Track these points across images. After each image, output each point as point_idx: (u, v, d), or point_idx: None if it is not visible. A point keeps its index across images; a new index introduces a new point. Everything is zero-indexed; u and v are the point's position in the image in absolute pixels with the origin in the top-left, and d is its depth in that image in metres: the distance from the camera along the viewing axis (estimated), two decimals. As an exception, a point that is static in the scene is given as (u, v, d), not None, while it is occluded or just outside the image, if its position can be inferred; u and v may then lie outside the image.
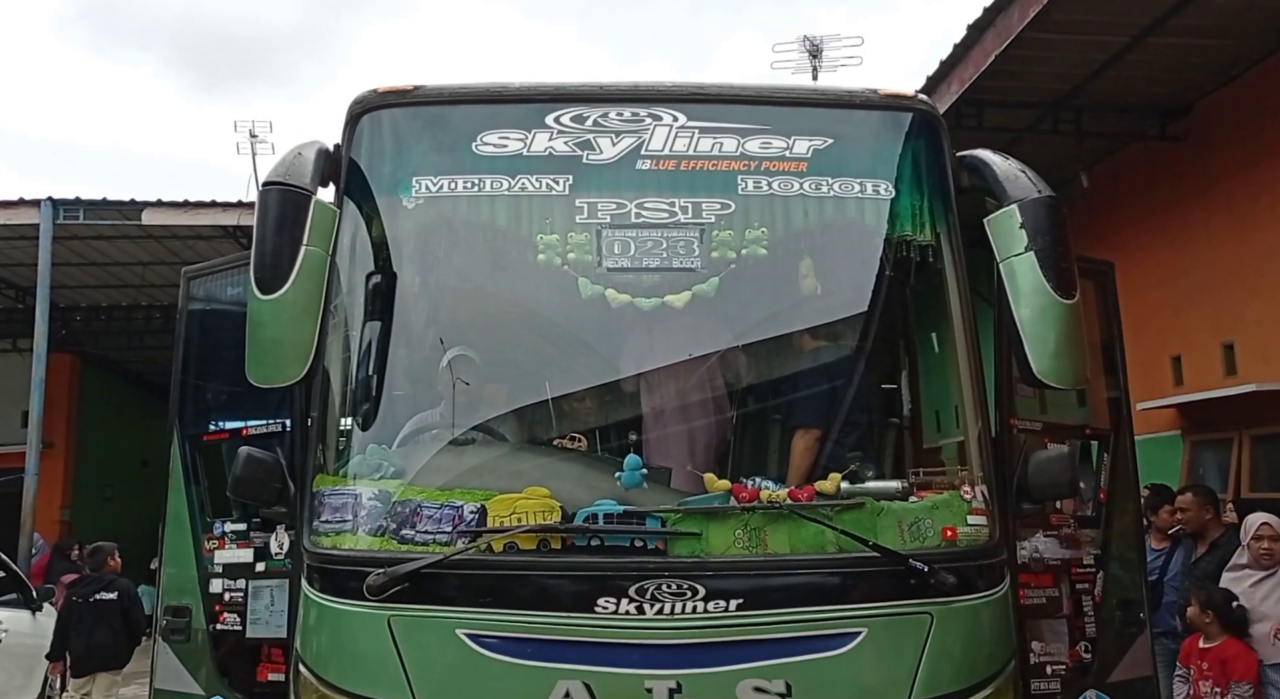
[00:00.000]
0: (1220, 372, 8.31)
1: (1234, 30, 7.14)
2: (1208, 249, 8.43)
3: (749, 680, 3.25)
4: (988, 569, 3.53)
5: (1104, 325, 4.66)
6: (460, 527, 3.37)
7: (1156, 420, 9.27)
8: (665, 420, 3.84)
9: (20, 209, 12.35)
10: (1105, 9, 6.80)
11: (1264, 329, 7.77)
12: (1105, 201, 9.85)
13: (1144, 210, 9.28)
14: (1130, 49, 7.40)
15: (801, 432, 3.81)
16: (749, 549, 3.39)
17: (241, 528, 4.05)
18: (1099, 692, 4.01)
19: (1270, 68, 7.59)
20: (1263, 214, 7.73)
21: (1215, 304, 8.37)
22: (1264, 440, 7.85)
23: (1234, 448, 8.16)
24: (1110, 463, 4.46)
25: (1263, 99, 7.70)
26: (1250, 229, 7.88)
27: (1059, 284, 3.53)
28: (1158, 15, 6.90)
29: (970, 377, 3.83)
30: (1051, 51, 7.45)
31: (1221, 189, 8.23)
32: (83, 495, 18.26)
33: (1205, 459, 8.66)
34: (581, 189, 3.84)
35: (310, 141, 3.88)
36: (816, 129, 4.02)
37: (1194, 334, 8.70)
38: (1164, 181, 8.96)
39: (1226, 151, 8.14)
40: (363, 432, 3.78)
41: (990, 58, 7.35)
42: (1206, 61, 7.68)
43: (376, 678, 3.32)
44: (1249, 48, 7.45)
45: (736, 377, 3.92)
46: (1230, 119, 8.12)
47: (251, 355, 3.49)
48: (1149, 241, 9.29)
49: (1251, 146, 7.83)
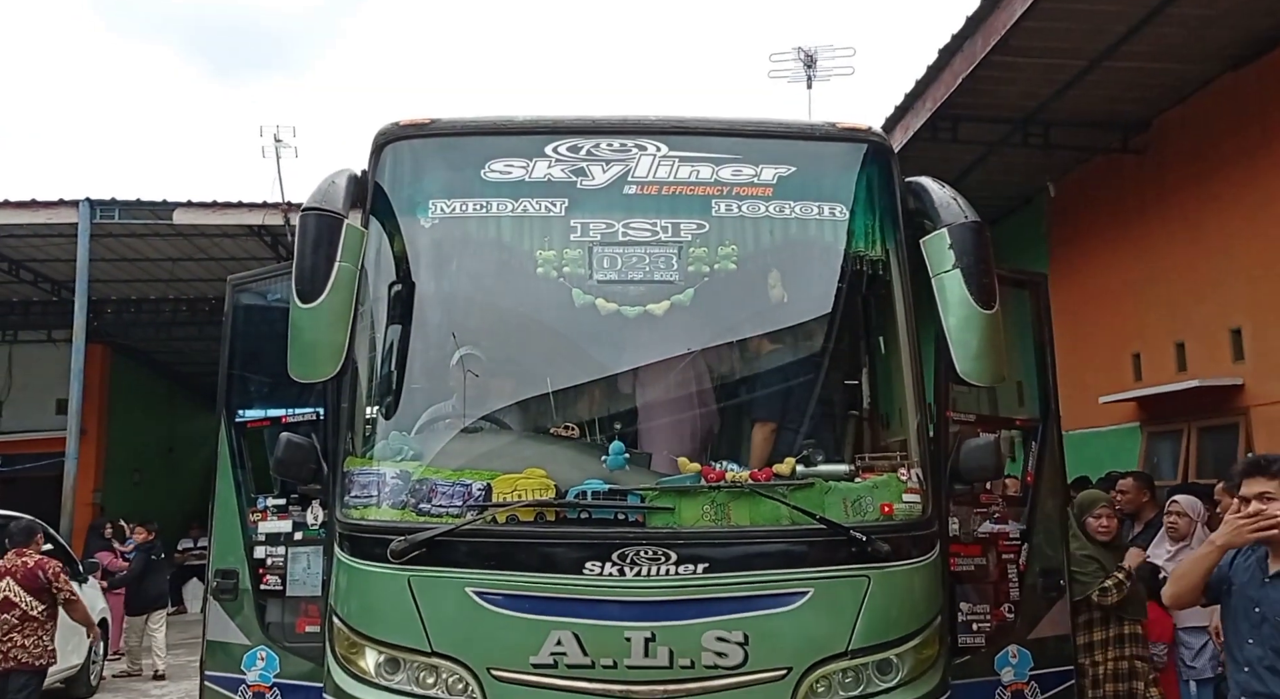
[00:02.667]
0: (1173, 368, 8.71)
1: (1183, 56, 7.55)
2: (1164, 255, 8.83)
3: (713, 632, 3.71)
4: (919, 540, 4.00)
5: (1036, 329, 5.09)
6: (469, 502, 3.85)
7: (1118, 412, 9.68)
8: (646, 412, 4.27)
9: (59, 209, 12.80)
10: (1060, 37, 7.22)
11: (1210, 330, 8.18)
12: (1073, 210, 10.26)
13: (1108, 218, 9.68)
14: (1089, 71, 7.81)
15: (762, 423, 4.28)
16: (715, 522, 3.85)
17: (281, 502, 4.52)
18: (1020, 646, 4.47)
19: (1217, 90, 7.99)
20: (1210, 224, 8.14)
21: (1169, 306, 8.77)
22: (1209, 431, 8.27)
23: (1184, 438, 8.60)
24: (1038, 450, 4.91)
25: (1212, 119, 8.10)
26: (1200, 237, 8.28)
27: (980, 297, 3.99)
28: (1110, 42, 7.30)
29: (910, 375, 4.28)
30: (1016, 73, 7.86)
31: (1175, 200, 8.63)
32: (113, 479, 18.66)
33: (1160, 448, 9.07)
34: (576, 211, 4.30)
35: (341, 170, 4.36)
36: (781, 158, 4.47)
37: (1151, 333, 9.11)
38: (1126, 192, 9.35)
39: (1180, 166, 8.54)
40: (386, 420, 4.23)
41: (959, 79, 7.76)
42: (1160, 83, 8.07)
43: (399, 628, 3.80)
44: (1198, 71, 7.85)
45: (708, 374, 4.35)
46: (1183, 136, 8.51)
47: (293, 355, 3.97)
48: (1113, 247, 9.68)
49: (1201, 162, 8.23)
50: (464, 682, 3.74)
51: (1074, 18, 6.90)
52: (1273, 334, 7.45)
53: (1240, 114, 7.76)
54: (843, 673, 3.79)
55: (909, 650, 3.88)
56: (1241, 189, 7.74)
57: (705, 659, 3.69)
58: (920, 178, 4.50)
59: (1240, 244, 7.79)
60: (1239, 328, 7.86)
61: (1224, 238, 7.99)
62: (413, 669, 3.78)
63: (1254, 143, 7.60)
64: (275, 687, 4.35)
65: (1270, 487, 3.14)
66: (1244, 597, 3.30)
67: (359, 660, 3.87)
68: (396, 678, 3.80)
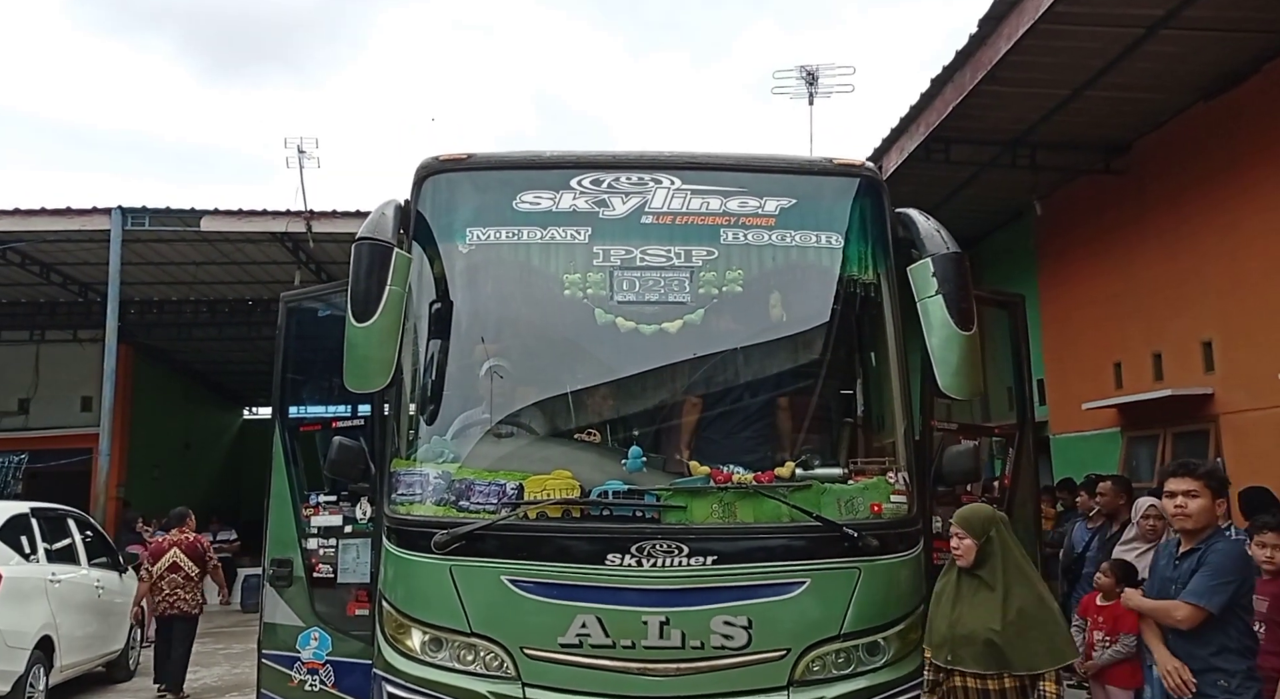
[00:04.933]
0: (1151, 378, 9.10)
1: (1158, 87, 7.94)
2: (1142, 271, 9.22)
3: (720, 616, 4.12)
4: (905, 536, 4.41)
5: (1014, 345, 5.49)
6: (504, 499, 4.25)
7: (1100, 418, 10.08)
8: (661, 419, 4.64)
9: (93, 217, 13.20)
10: (1044, 69, 7.61)
11: (1183, 342, 8.58)
12: (1059, 226, 10.66)
13: (1092, 235, 10.07)
14: (1072, 99, 8.20)
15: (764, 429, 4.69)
16: (722, 519, 4.26)
17: (332, 499, 4.91)
18: (995, 633, 4.88)
19: (1190, 119, 8.37)
20: (1184, 243, 8.54)
21: (1147, 319, 9.16)
22: (1182, 436, 8.66)
23: (1160, 443, 9.01)
24: (1015, 455, 5.31)
25: (1186, 145, 8.49)
26: (1175, 255, 8.68)
27: (960, 320, 4.38)
28: (1090, 75, 7.70)
29: (898, 388, 4.70)
30: (1004, 100, 8.26)
31: (1152, 220, 9.02)
32: (135, 474, 19.01)
33: (1139, 452, 9.47)
34: (598, 238, 4.70)
35: (389, 201, 4.76)
36: (783, 191, 4.87)
37: (1131, 344, 9.49)
38: (1108, 211, 9.73)
39: (1157, 187, 8.93)
40: (428, 426, 4.62)
41: (950, 107, 8.16)
42: (1138, 110, 8.46)
43: (441, 610, 4.21)
44: (1173, 101, 8.25)
45: (716, 386, 4.69)
46: (1160, 160, 8.90)
47: (348, 369, 4.34)
48: (1096, 262, 10.08)
49: (1176, 185, 8.62)
50: (500, 659, 4.15)
51: (1055, 53, 7.31)
52: (1240, 347, 7.85)
53: (1211, 142, 8.17)
54: (835, 654, 4.20)
55: (895, 634, 4.29)
56: (1212, 212, 8.15)
57: (713, 641, 4.10)
58: (909, 209, 4.90)
59: (1211, 263, 8.19)
60: (1209, 340, 8.26)
61: (1196, 256, 8.39)
62: (454, 647, 4.20)
63: (1222, 169, 8.01)
64: (328, 664, 4.75)
65: (1195, 485, 3.59)
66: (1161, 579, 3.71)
67: (406, 640, 4.29)
68: (440, 655, 4.21)
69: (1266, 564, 4.10)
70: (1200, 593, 3.49)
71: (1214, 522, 3.67)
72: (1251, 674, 3.47)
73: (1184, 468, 3.76)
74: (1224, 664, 3.46)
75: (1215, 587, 3.48)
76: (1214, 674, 3.48)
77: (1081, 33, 7.08)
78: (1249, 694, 3.43)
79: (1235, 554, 3.58)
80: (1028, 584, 3.83)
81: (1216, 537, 3.69)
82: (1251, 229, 7.68)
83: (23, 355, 18.03)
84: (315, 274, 15.25)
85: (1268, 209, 7.49)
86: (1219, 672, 3.46)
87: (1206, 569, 3.53)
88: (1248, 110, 7.70)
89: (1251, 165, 7.66)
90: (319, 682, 4.76)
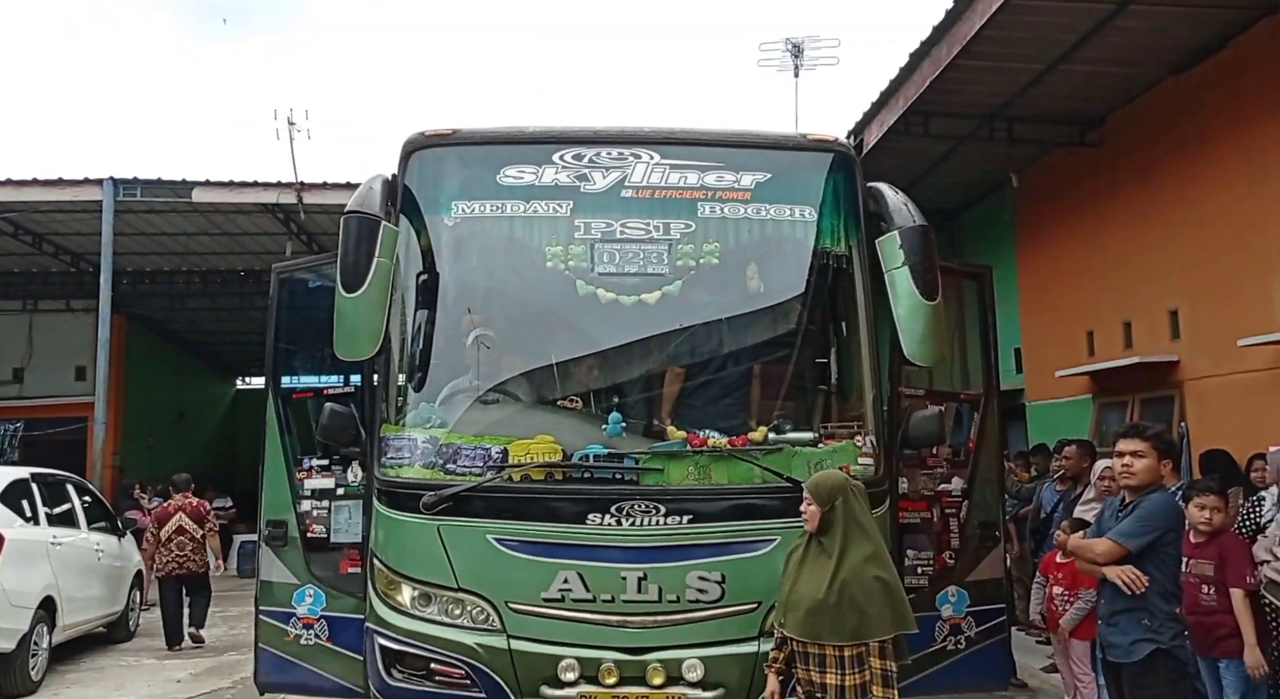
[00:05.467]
0: (1121, 345, 9.30)
1: (1130, 61, 8.06)
2: (1114, 241, 9.38)
3: (695, 572, 4.33)
4: (872, 496, 4.44)
5: (981, 315, 5.65)
6: (489, 463, 4.42)
7: (1074, 385, 10.30)
8: (640, 387, 4.82)
9: (85, 187, 13.17)
10: (1018, 44, 7.72)
11: (1151, 311, 8.77)
12: (1036, 198, 10.81)
13: (1067, 206, 10.22)
14: (1046, 73, 8.31)
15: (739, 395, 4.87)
16: (698, 481, 4.45)
17: (324, 463, 5.07)
18: (959, 587, 5.08)
19: (1161, 92, 8.50)
20: (1154, 214, 8.70)
21: (1118, 288, 9.35)
22: (1149, 402, 8.88)
23: (1129, 408, 9.23)
24: (980, 420, 5.50)
25: (1157, 118, 8.63)
26: (1145, 226, 8.84)
27: (925, 290, 4.55)
28: (1063, 50, 7.81)
29: (868, 356, 4.87)
30: (980, 74, 8.36)
31: (1125, 191, 9.17)
32: (129, 443, 19.09)
33: (1109, 418, 9.68)
34: (579, 212, 4.85)
35: (376, 175, 4.88)
36: (759, 166, 5.01)
37: (1103, 313, 9.68)
38: (1083, 183, 9.87)
39: (1129, 160, 9.07)
40: (416, 393, 4.78)
41: (928, 81, 8.27)
42: (1111, 84, 8.58)
43: (430, 568, 4.40)
44: (1144, 75, 8.36)
45: (693, 355, 4.86)
46: (1132, 133, 9.03)
47: (338, 338, 4.49)
48: (1071, 233, 10.24)
49: (1147, 157, 8.77)
50: (486, 612, 4.35)
51: (1028, 28, 7.41)
52: (1204, 316, 8.05)
53: (1181, 115, 8.31)
54: (803, 606, 4.42)
55: (859, 588, 4.51)
56: (1181, 183, 8.31)
57: (689, 595, 4.31)
58: (879, 184, 5.05)
59: (1179, 234, 8.36)
60: (1176, 309, 8.46)
61: (1165, 227, 8.56)
62: (442, 602, 4.40)
63: (1192, 142, 8.16)
64: (323, 619, 4.95)
65: (1142, 446, 3.79)
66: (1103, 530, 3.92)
67: (397, 595, 4.48)
68: (429, 609, 4.41)
69: (1203, 525, 4.29)
70: (1123, 533, 3.71)
71: (1157, 480, 3.87)
72: (1173, 617, 3.70)
73: (1133, 430, 3.95)
74: (1148, 605, 3.67)
75: (1138, 529, 3.70)
76: (1139, 613, 3.70)
77: (1053, 8, 7.20)
78: (1168, 633, 3.65)
79: (1163, 503, 3.79)
80: (864, 556, 3.67)
81: (1156, 489, 3.91)
82: (1217, 201, 7.85)
83: (16, 325, 18.07)
84: (306, 245, 15.30)
85: (1233, 182, 7.66)
86: (1144, 611, 3.69)
87: (1135, 514, 3.75)
88: (1215, 85, 7.84)
89: (1217, 139, 7.81)
90: (314, 636, 4.96)
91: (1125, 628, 3.76)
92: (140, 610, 10.14)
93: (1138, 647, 3.71)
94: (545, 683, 4.29)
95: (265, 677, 5.12)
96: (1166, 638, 3.69)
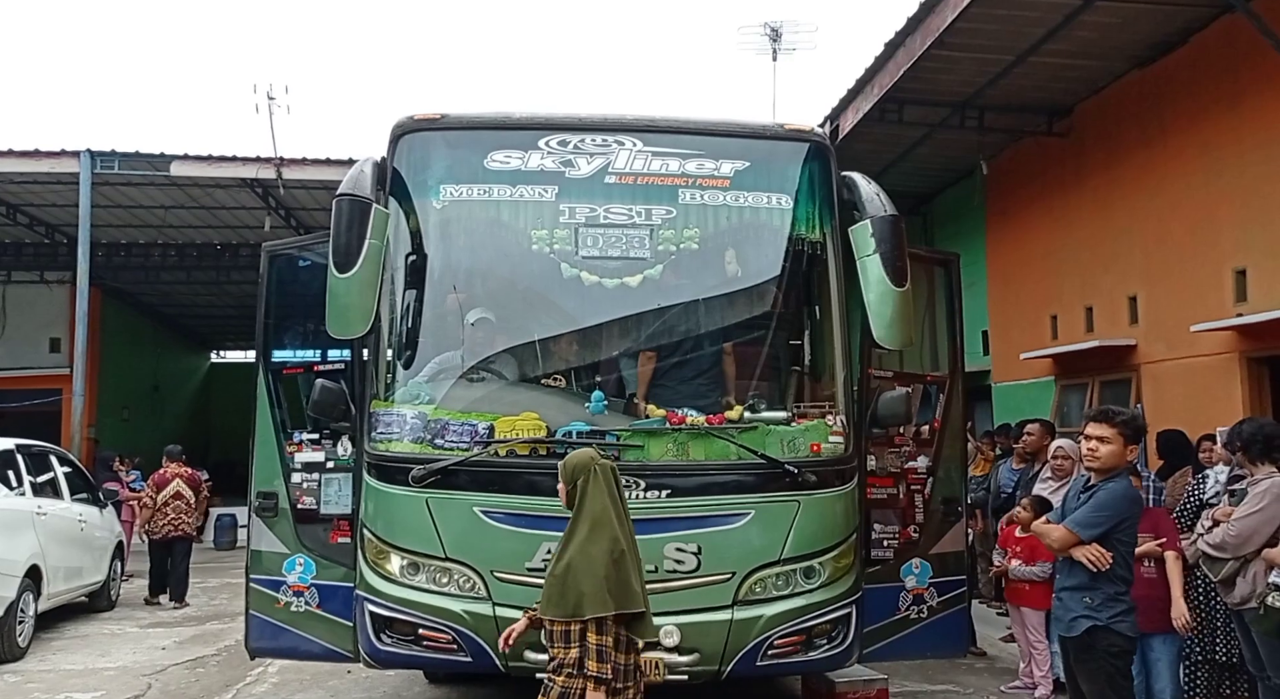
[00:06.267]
0: (1083, 329, 9.57)
1: (1096, 54, 8.25)
2: (1079, 228, 9.61)
3: (673, 544, 4.53)
4: (841, 473, 4.81)
5: (948, 301, 5.83)
6: (476, 438, 4.58)
7: (1037, 367, 10.57)
8: (622, 366, 4.99)
9: (61, 159, 13.03)
10: (989, 36, 7.88)
11: (1112, 297, 9.02)
12: (1006, 185, 11.03)
13: (1035, 193, 10.44)
14: (1016, 64, 8.49)
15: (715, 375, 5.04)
16: (677, 457, 4.63)
17: (315, 436, 5.18)
18: (922, 559, 5.30)
19: (1125, 85, 8.70)
20: (1116, 202, 8.94)
21: (1081, 274, 9.60)
22: (1109, 384, 9.15)
23: (1089, 390, 9.52)
24: (945, 401, 5.71)
25: (1121, 110, 8.84)
26: (1108, 214, 9.08)
27: (895, 277, 4.74)
28: (1032, 43, 8.00)
29: (840, 338, 5.05)
30: (953, 64, 8.53)
31: (1089, 180, 9.40)
32: (105, 415, 19.01)
33: (1070, 399, 9.97)
34: (564, 197, 4.99)
35: (367, 159, 4.98)
36: (737, 154, 5.17)
37: (1066, 298, 9.94)
38: (1050, 170, 10.08)
39: (1094, 150, 9.29)
40: (405, 370, 4.92)
41: (901, 70, 8.43)
42: (1078, 76, 8.77)
43: (418, 538, 4.56)
44: (1109, 68, 8.56)
45: (673, 336, 5.02)
46: (1097, 124, 9.25)
47: (331, 316, 4.60)
48: (1038, 219, 10.47)
49: (1111, 147, 8.99)
50: (472, 581, 4.52)
51: (999, 21, 7.58)
52: (1160, 302, 8.31)
53: (1143, 107, 8.53)
54: (775, 576, 4.63)
55: (829, 559, 4.72)
56: (1142, 174, 8.55)
57: (667, 565, 4.50)
58: (853, 173, 5.21)
59: (1139, 222, 8.61)
60: (1135, 295, 8.72)
61: (1127, 216, 8.80)
62: (430, 571, 4.56)
63: (1153, 134, 8.39)
64: (313, 587, 5.08)
65: (1109, 432, 3.96)
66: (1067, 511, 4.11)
67: (386, 564, 4.64)
68: (417, 578, 4.57)
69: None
70: (1078, 522, 3.88)
71: (1121, 464, 3.99)
72: (1117, 597, 3.84)
73: (1103, 415, 4.03)
74: (1096, 586, 3.85)
75: (1092, 519, 3.86)
76: (1084, 592, 3.88)
77: (1023, 1, 7.37)
78: (1108, 612, 3.82)
79: (1119, 494, 3.91)
80: (595, 535, 3.57)
81: (1118, 476, 4.00)
82: (1175, 192, 8.09)
83: (-10, 297, 17.93)
84: (285, 220, 15.26)
85: (1190, 173, 7.90)
86: (1090, 591, 3.86)
87: (1091, 503, 3.92)
88: (1175, 79, 8.07)
89: (1177, 131, 8.05)
90: (304, 603, 5.09)
91: (1069, 604, 3.95)
92: (121, 581, 10.20)
93: (1077, 623, 3.89)
94: (529, 648, 4.46)
95: (256, 642, 5.25)
96: (1105, 616, 3.84)
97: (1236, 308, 7.24)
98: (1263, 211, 7.04)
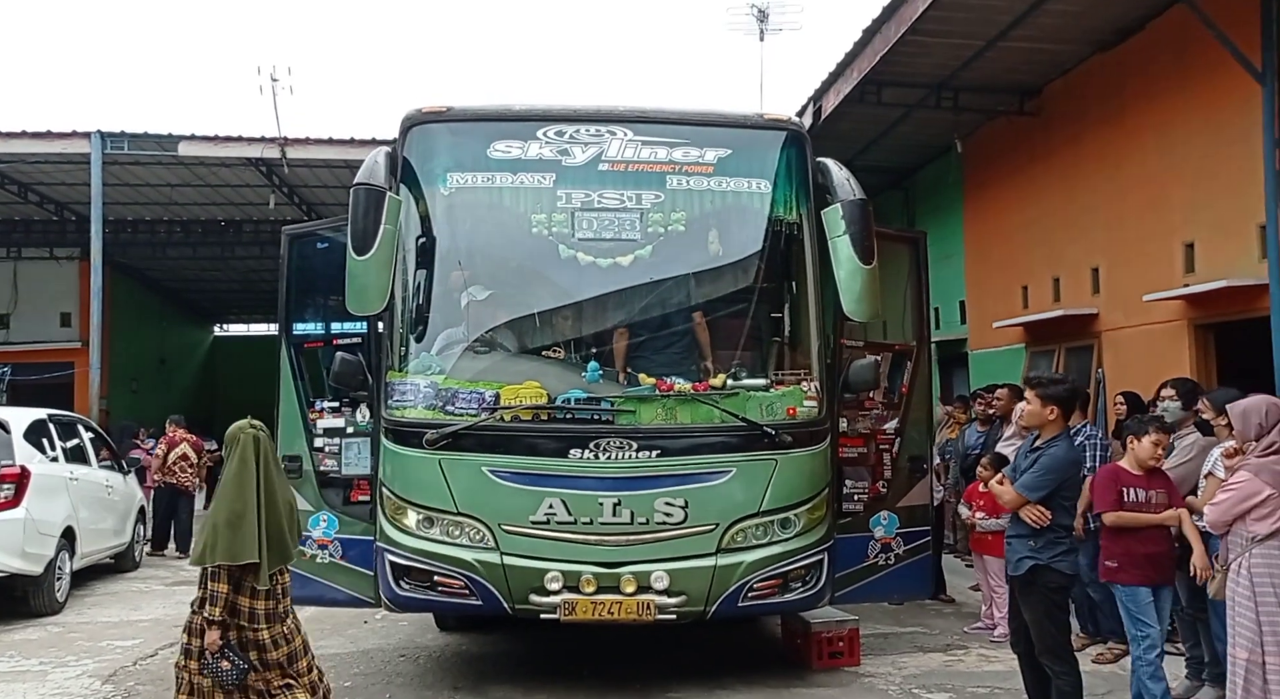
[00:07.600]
0: (1050, 299, 9.96)
1: (1062, 38, 8.55)
2: (1047, 203, 9.96)
3: (662, 498, 4.94)
4: (815, 434, 5.22)
5: (914, 276, 6.23)
6: (484, 405, 4.99)
7: (1009, 335, 10.97)
8: (615, 339, 5.36)
9: (73, 140, 13.28)
10: (960, 24, 8.18)
11: (1077, 268, 9.41)
12: (981, 162, 11.37)
13: (1007, 170, 10.79)
14: (987, 49, 8.78)
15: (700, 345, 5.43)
16: (666, 420, 5.04)
17: (335, 405, 5.56)
18: (890, 512, 5.73)
19: (1089, 67, 9.00)
20: (1081, 179, 9.29)
21: (1049, 246, 9.97)
22: (1073, 351, 9.57)
23: (1055, 356, 9.94)
24: (913, 368, 6.12)
25: (1086, 91, 9.17)
26: (1074, 190, 9.44)
27: (862, 256, 5.13)
28: (1001, 28, 8.28)
29: (814, 312, 5.45)
30: (928, 49, 8.83)
31: (1057, 158, 9.74)
32: (114, 387, 19.28)
33: (1038, 364, 10.34)
34: (561, 183, 5.35)
35: (380, 149, 5.35)
36: (721, 142, 5.53)
37: (1036, 269, 10.31)
38: (1021, 148, 10.41)
39: (1061, 128, 9.62)
40: (418, 343, 5.31)
41: (879, 55, 8.74)
42: (1046, 59, 9.07)
43: (433, 495, 4.97)
44: (1074, 51, 8.86)
45: (662, 311, 5.42)
46: (1064, 104, 9.56)
47: (350, 295, 4.98)
48: (1011, 195, 10.82)
49: (1077, 126, 9.33)
50: (482, 533, 4.94)
51: (969, 8, 7.88)
52: (1119, 273, 8.70)
53: (1105, 89, 8.87)
54: (755, 527, 5.05)
55: (804, 511, 5.14)
56: (1103, 152, 8.90)
57: (656, 517, 4.93)
58: (826, 160, 5.59)
59: (1101, 198, 8.97)
60: (1097, 267, 9.11)
61: (1090, 192, 9.17)
62: (444, 525, 4.98)
63: (1113, 114, 8.73)
64: (336, 540, 5.50)
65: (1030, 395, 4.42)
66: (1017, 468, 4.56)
67: (404, 519, 5.06)
68: (432, 531, 4.99)
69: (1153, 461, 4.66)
70: (1025, 485, 4.31)
71: (1044, 422, 4.40)
72: (1057, 541, 4.25)
73: (1027, 381, 4.53)
74: (1039, 533, 4.29)
75: (1038, 483, 4.29)
76: (1029, 538, 4.33)
77: (992, -11, 7.70)
78: (1049, 553, 4.24)
79: (1060, 456, 4.32)
80: (220, 494, 3.99)
81: (1058, 439, 4.39)
82: (1133, 169, 8.45)
83: (2, 272, 18.17)
84: (289, 198, 15.53)
85: (1147, 152, 8.26)
86: (1034, 537, 4.31)
87: (1037, 466, 4.34)
88: (1134, 62, 8.40)
89: (1135, 112, 8.39)
90: (329, 555, 5.51)
91: (1016, 548, 4.40)
92: (144, 544, 10.63)
93: (1022, 563, 4.34)
94: (534, 592, 4.91)
95: (287, 592, 5.67)
96: (1046, 556, 4.27)
97: (1185, 279, 7.64)
98: (1209, 190, 7.42)
